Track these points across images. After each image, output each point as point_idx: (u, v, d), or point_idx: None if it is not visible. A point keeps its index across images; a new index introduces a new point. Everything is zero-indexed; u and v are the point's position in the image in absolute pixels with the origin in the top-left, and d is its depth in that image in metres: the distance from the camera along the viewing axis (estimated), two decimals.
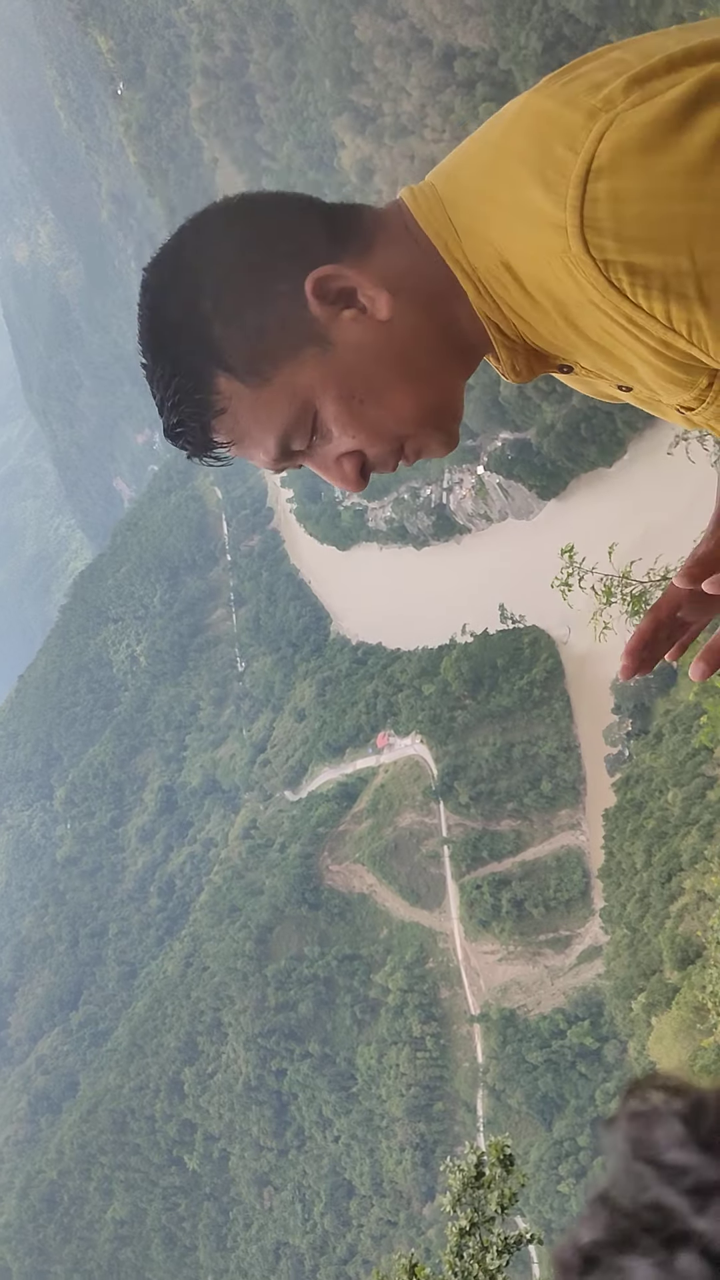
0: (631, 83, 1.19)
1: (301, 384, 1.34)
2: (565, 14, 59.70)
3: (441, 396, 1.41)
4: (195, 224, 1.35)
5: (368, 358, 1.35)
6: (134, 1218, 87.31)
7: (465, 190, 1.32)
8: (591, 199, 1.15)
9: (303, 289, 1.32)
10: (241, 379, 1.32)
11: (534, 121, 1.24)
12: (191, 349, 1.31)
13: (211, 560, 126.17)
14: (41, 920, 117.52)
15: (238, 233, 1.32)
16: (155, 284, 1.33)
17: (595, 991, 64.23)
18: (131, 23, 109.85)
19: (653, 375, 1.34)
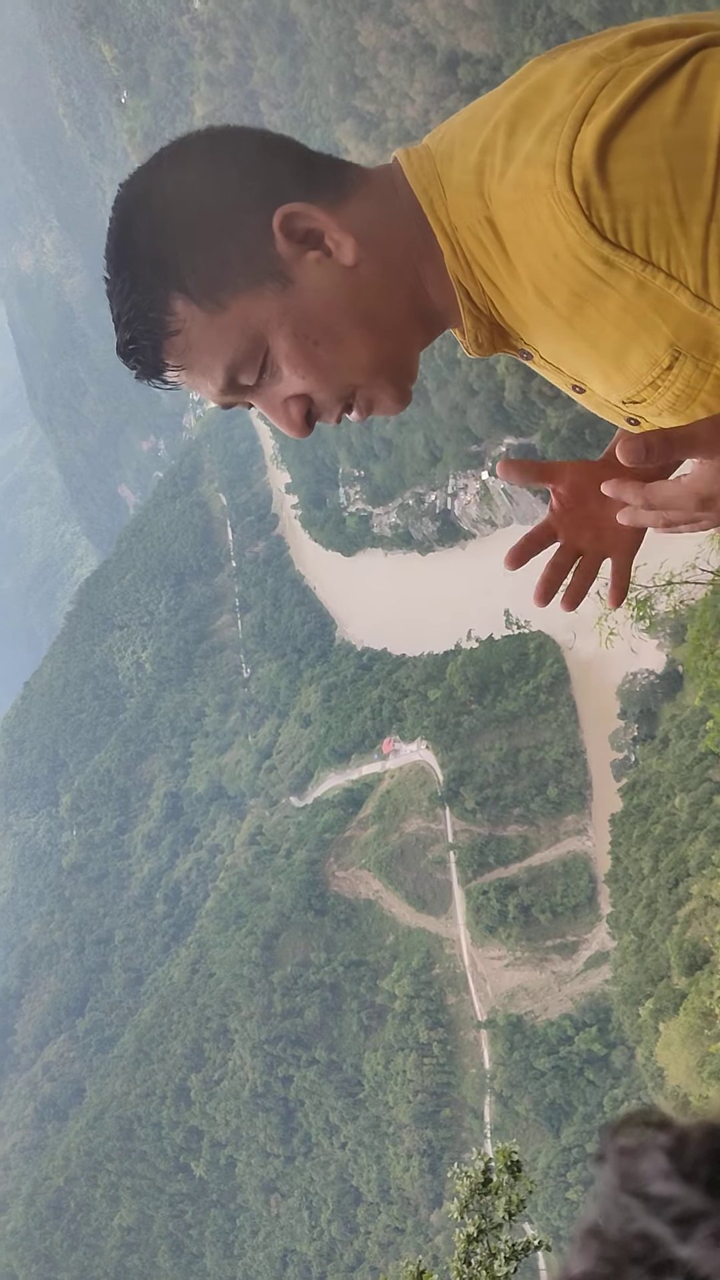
0: (636, 40, 1.24)
1: (257, 317, 1.34)
2: (569, 20, 59.79)
3: (397, 350, 1.41)
4: (176, 147, 1.35)
5: (326, 300, 1.35)
6: (141, 1225, 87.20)
7: (460, 143, 1.33)
8: (581, 139, 1.17)
9: (270, 223, 1.32)
10: (198, 303, 1.32)
11: (536, 75, 1.28)
12: (152, 267, 1.31)
13: (216, 566, 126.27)
14: (48, 927, 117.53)
15: (216, 160, 1.33)
16: (127, 200, 1.34)
17: (603, 997, 64.09)
18: (135, 30, 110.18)
19: (618, 346, 1.33)
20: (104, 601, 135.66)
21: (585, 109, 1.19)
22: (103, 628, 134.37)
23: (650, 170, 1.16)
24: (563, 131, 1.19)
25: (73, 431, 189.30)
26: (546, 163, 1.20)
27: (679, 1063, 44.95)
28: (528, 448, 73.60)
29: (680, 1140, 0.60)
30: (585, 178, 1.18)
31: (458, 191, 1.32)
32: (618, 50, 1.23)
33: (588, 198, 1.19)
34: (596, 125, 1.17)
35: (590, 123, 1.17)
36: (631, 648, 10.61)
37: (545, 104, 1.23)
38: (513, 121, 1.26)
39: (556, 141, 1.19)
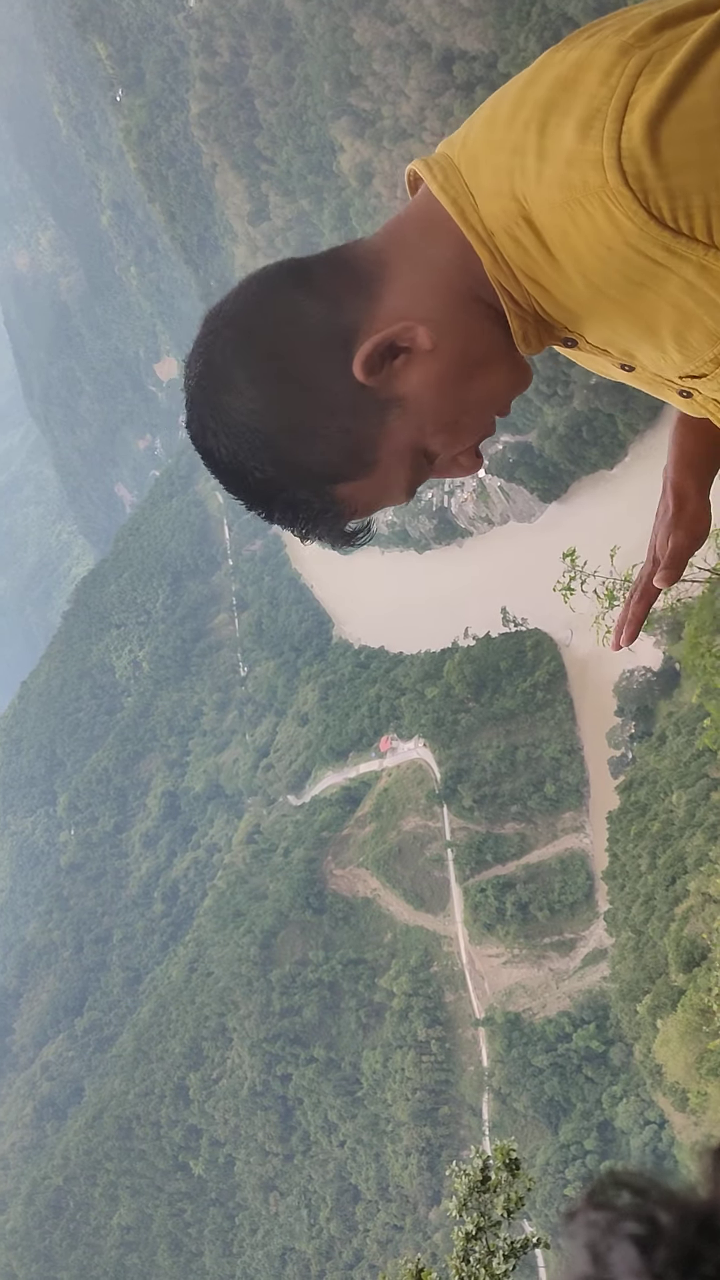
0: (662, 23, 1.21)
1: (403, 444, 1.39)
2: (564, 16, 59.74)
3: (506, 361, 1.44)
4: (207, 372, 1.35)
5: (438, 385, 1.38)
6: (140, 1223, 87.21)
7: (486, 146, 1.32)
8: (628, 130, 1.16)
9: (353, 377, 1.34)
10: (355, 476, 1.39)
11: (559, 68, 1.25)
12: (299, 487, 1.36)
13: (213, 565, 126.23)
14: (46, 926, 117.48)
15: (256, 359, 1.33)
16: (222, 449, 1.36)
17: (600, 994, 64.12)
18: (130, 29, 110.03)
19: (677, 327, 1.34)
20: (101, 601, 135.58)
21: (625, 99, 1.17)
22: (100, 627, 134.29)
23: (706, 156, 1.15)
24: (605, 126, 1.18)
25: (69, 430, 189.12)
26: (594, 161, 1.19)
27: (677, 1059, 44.99)
28: (524, 445, 73.58)
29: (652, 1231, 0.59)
30: (639, 169, 1.17)
31: (489, 197, 1.32)
32: (645, 35, 1.21)
33: (644, 188, 1.18)
34: (641, 114, 1.15)
35: (633, 112, 1.16)
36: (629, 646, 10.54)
37: (576, 99, 1.21)
38: (542, 121, 1.24)
39: (600, 138, 1.18)
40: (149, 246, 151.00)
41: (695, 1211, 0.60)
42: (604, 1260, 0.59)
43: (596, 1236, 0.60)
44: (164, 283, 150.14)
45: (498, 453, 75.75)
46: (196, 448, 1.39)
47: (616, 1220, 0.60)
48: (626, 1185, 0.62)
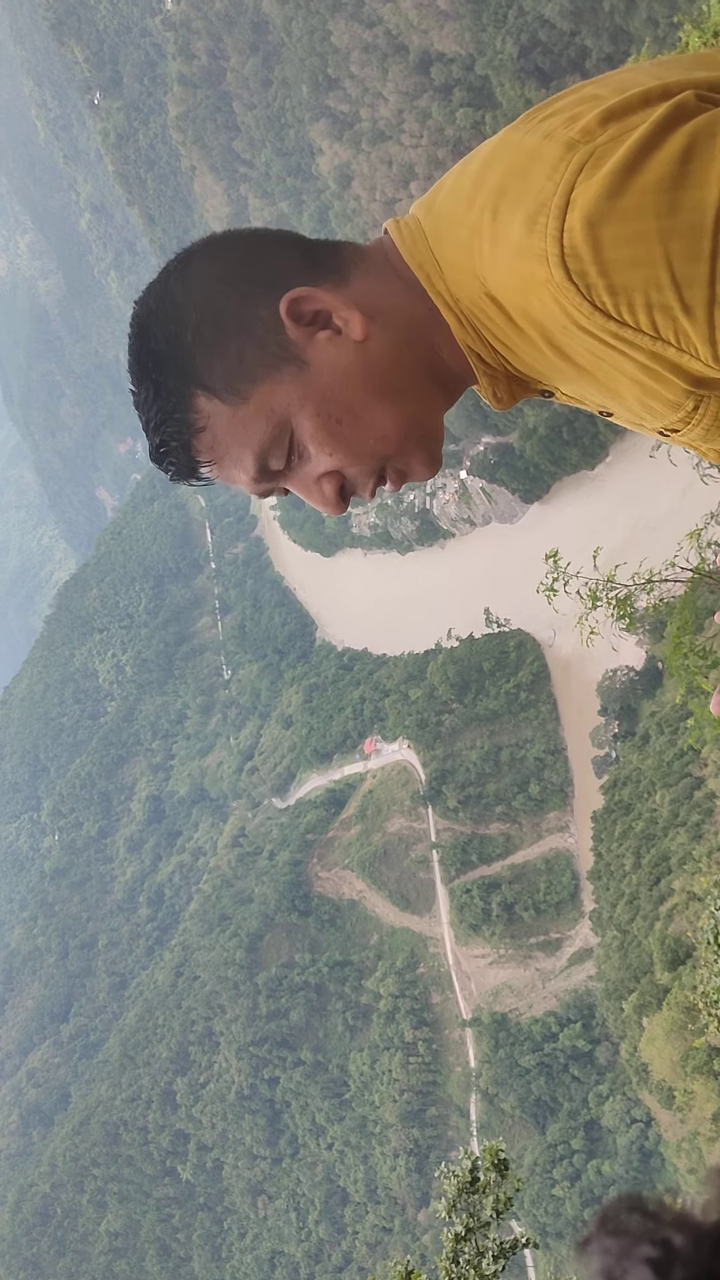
0: (607, 116, 1.24)
1: (279, 402, 1.38)
2: (541, 19, 59.91)
3: (419, 415, 1.44)
4: (180, 258, 1.43)
5: (343, 377, 1.39)
6: (128, 1229, 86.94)
7: (447, 222, 1.36)
8: (569, 228, 1.20)
9: (278, 312, 1.37)
10: (220, 397, 1.38)
11: (513, 155, 1.29)
12: (172, 371, 1.37)
13: (196, 568, 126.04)
14: (30, 932, 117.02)
15: (219, 263, 1.39)
16: (141, 314, 1.41)
17: (586, 994, 64.26)
18: (107, 32, 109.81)
19: (640, 397, 1.36)
20: (83, 605, 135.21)
21: (566, 196, 1.20)
22: (82, 631, 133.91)
23: (647, 257, 1.18)
24: (549, 222, 1.21)
25: (50, 434, 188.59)
26: (539, 255, 1.23)
27: (662, 1057, 45.12)
28: (505, 446, 73.72)
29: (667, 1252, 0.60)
30: (581, 266, 1.20)
31: (453, 269, 1.36)
32: (591, 130, 1.24)
33: (587, 284, 1.21)
34: (582, 214, 1.19)
35: (574, 210, 1.19)
36: (612, 645, 10.65)
37: (525, 189, 1.25)
38: (495, 206, 1.27)
39: (544, 233, 1.22)
40: (128, 249, 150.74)
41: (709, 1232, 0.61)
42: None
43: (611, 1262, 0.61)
44: (143, 285, 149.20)
45: (479, 454, 75.87)
46: (134, 314, 1.43)
47: (630, 1245, 0.61)
48: (638, 1209, 0.63)
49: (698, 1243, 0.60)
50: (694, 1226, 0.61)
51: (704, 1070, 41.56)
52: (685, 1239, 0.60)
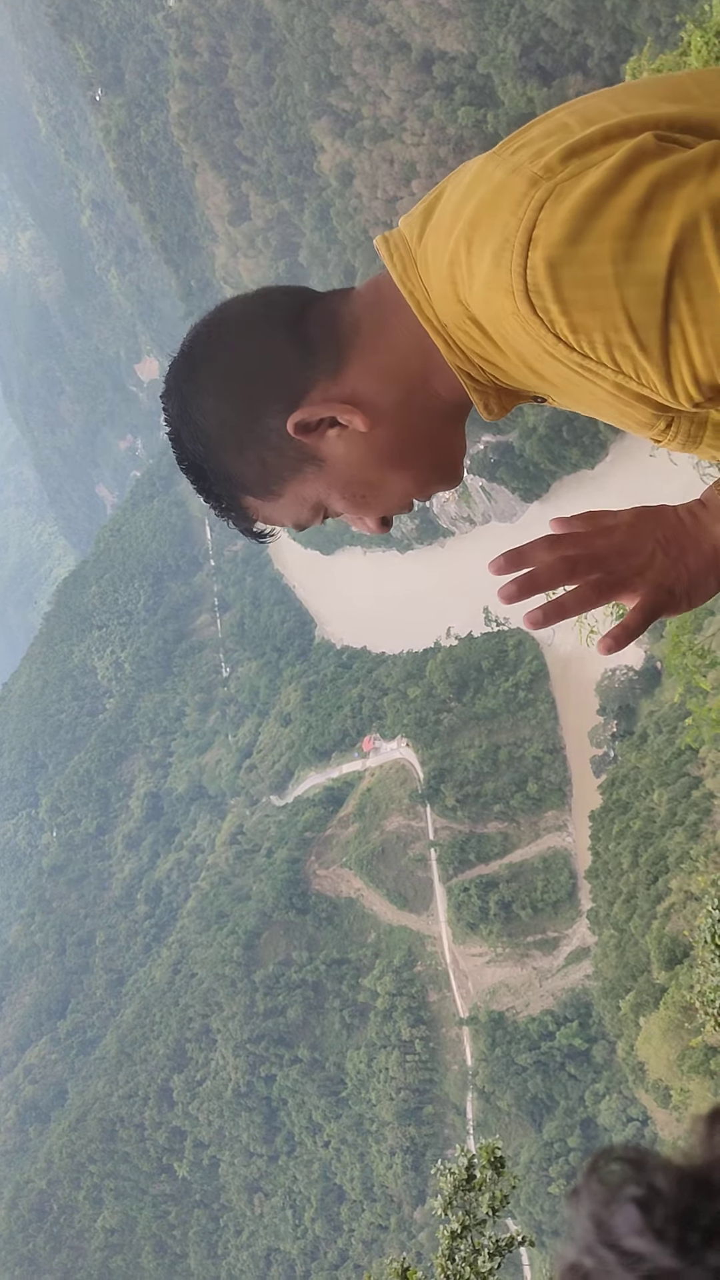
0: (569, 153, 1.32)
1: (309, 493, 1.58)
2: (543, 18, 59.91)
3: (434, 463, 1.60)
4: (184, 368, 1.55)
5: (357, 464, 1.56)
6: (124, 1226, 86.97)
7: (432, 252, 1.45)
8: (532, 265, 1.28)
9: (286, 426, 1.51)
10: (259, 497, 1.58)
11: (484, 188, 1.37)
12: (215, 481, 1.57)
13: (195, 565, 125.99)
14: (28, 929, 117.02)
15: (222, 374, 1.51)
16: (171, 430, 1.58)
17: (583, 993, 64.29)
18: (109, 29, 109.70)
19: (616, 415, 1.47)
20: (82, 602, 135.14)
21: (529, 233, 1.28)
22: (81, 628, 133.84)
23: (604, 301, 1.26)
24: (512, 258, 1.29)
25: (49, 431, 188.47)
26: (505, 289, 1.32)
27: (659, 1056, 45.16)
28: (505, 445, 73.70)
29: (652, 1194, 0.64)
30: (544, 303, 1.29)
31: (439, 297, 1.46)
32: (553, 167, 1.31)
33: (550, 319, 1.30)
34: (544, 254, 1.27)
35: (536, 249, 1.27)
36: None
37: (493, 223, 1.33)
38: (469, 238, 1.36)
39: (509, 269, 1.30)
40: (129, 246, 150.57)
41: (691, 1172, 0.65)
42: (607, 1225, 0.63)
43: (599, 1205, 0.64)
44: (144, 283, 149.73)
45: (479, 453, 75.84)
46: (166, 422, 1.58)
47: (617, 1188, 0.64)
48: (623, 1158, 0.66)
49: (680, 1183, 0.63)
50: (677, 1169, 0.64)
51: (700, 1069, 41.60)
52: (669, 1180, 0.64)
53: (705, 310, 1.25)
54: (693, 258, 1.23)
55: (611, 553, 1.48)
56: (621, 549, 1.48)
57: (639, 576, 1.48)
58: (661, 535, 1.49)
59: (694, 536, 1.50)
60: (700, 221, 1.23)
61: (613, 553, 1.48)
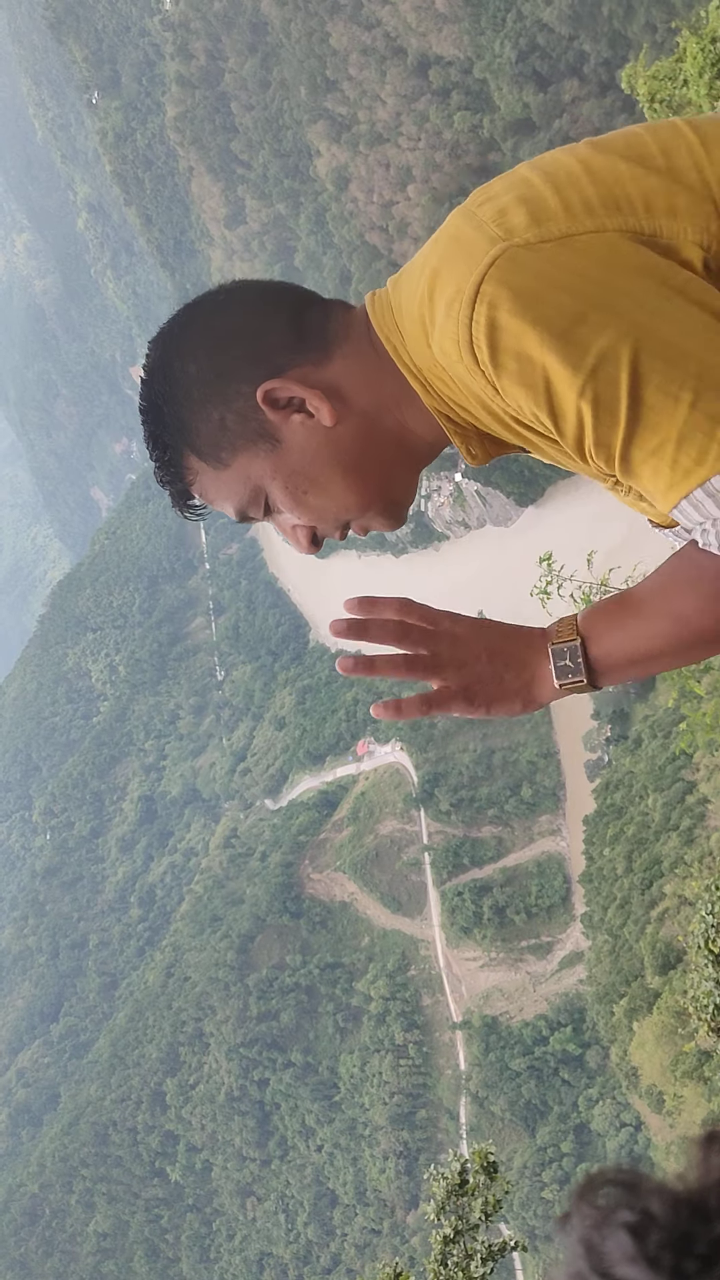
0: (530, 219, 1.37)
1: (254, 472, 1.55)
2: (539, 23, 60.03)
3: (382, 488, 1.60)
4: (184, 314, 1.57)
5: (310, 457, 1.54)
6: (116, 1230, 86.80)
7: (406, 298, 1.51)
8: (476, 320, 1.34)
9: (256, 394, 1.52)
10: (205, 459, 1.55)
11: (450, 241, 1.43)
12: (168, 427, 1.54)
13: (190, 569, 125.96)
14: (21, 932, 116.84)
15: (213, 332, 1.53)
16: (148, 365, 1.58)
17: (577, 997, 64.29)
18: (106, 32, 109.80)
19: (574, 467, 1.49)
20: (76, 605, 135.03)
21: (477, 288, 1.34)
22: (75, 631, 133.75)
23: (531, 380, 1.33)
24: (460, 310, 1.35)
25: (45, 434, 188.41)
26: (453, 338, 1.39)
27: (653, 1062, 45.18)
28: None
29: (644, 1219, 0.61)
30: (483, 359, 1.36)
31: (413, 340, 1.50)
32: (511, 229, 1.36)
33: (487, 375, 1.38)
34: (487, 314, 1.33)
35: (481, 305, 1.33)
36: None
37: (451, 274, 1.38)
38: (431, 286, 1.42)
39: (456, 319, 1.37)
40: (125, 250, 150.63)
41: (685, 1197, 0.62)
42: (599, 1251, 0.61)
43: (590, 1230, 0.62)
44: (140, 286, 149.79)
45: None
46: (144, 361, 1.59)
47: (609, 1212, 0.62)
48: (616, 1181, 0.64)
49: (675, 1208, 0.61)
50: (671, 1193, 0.62)
51: (694, 1075, 41.62)
52: (663, 1205, 0.62)
53: (606, 419, 1.32)
54: (608, 373, 1.30)
55: (445, 638, 1.54)
56: (455, 639, 1.54)
57: (455, 669, 1.53)
58: (493, 644, 1.55)
59: (522, 657, 1.54)
60: (621, 348, 1.29)
61: (446, 639, 1.54)
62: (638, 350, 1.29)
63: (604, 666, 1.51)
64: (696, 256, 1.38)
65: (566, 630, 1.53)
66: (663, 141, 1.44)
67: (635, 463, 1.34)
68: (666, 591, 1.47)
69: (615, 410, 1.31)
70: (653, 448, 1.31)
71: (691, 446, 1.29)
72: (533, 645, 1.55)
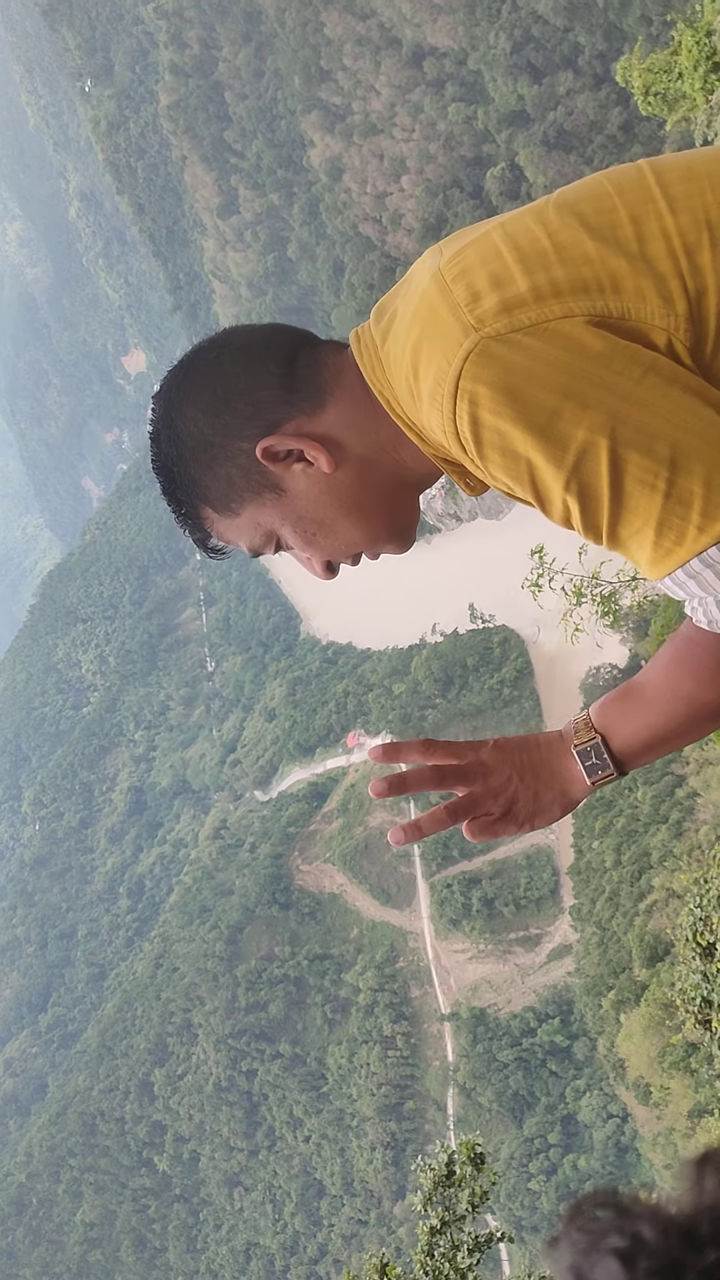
0: (501, 309, 1.40)
1: (264, 520, 1.64)
2: (534, 14, 59.90)
3: (387, 520, 1.68)
4: (179, 376, 1.64)
5: (314, 502, 1.63)
6: (104, 1220, 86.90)
7: (393, 359, 1.55)
8: (459, 415, 1.41)
9: (255, 450, 1.60)
10: (217, 510, 1.64)
11: (431, 321, 1.45)
12: (180, 485, 1.64)
13: (181, 560, 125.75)
14: (10, 922, 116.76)
15: (210, 392, 1.60)
16: (153, 426, 1.66)
17: (565, 989, 64.47)
18: (99, 19, 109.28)
19: None
20: (67, 595, 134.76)
21: (455, 383, 1.40)
22: (65, 621, 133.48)
23: (515, 470, 1.41)
24: (443, 403, 1.42)
25: (36, 423, 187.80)
26: (438, 425, 1.46)
27: (640, 1053, 45.34)
28: None
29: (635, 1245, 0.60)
30: (470, 448, 1.44)
31: (404, 397, 1.54)
32: (484, 319, 1.40)
33: (474, 460, 1.46)
34: (469, 411, 1.40)
35: (462, 402, 1.40)
36: (596, 642, 10.67)
37: (431, 359, 1.44)
38: (414, 365, 1.47)
39: (440, 410, 1.43)
40: (117, 239, 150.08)
41: (677, 1222, 0.61)
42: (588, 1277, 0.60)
43: (579, 1256, 0.61)
44: (132, 275, 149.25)
45: None
46: (150, 421, 1.67)
47: (599, 1237, 0.61)
48: (607, 1204, 0.63)
49: (666, 1234, 0.60)
50: (663, 1219, 0.61)
51: (680, 1067, 41.78)
52: (654, 1230, 0.60)
53: (592, 507, 1.40)
54: (589, 466, 1.37)
55: (476, 770, 1.63)
56: (485, 768, 1.63)
57: (494, 799, 1.63)
58: (520, 763, 1.64)
59: (549, 766, 1.64)
60: (599, 439, 1.37)
61: (477, 772, 1.63)
62: (614, 441, 1.36)
63: (627, 756, 1.62)
64: (662, 340, 1.41)
65: (584, 730, 1.62)
66: (632, 209, 1.45)
67: (622, 540, 1.43)
68: (669, 675, 1.55)
69: (599, 499, 1.39)
70: (635, 529, 1.40)
71: (670, 530, 1.38)
72: (556, 752, 1.64)
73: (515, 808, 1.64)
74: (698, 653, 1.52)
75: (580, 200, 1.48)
